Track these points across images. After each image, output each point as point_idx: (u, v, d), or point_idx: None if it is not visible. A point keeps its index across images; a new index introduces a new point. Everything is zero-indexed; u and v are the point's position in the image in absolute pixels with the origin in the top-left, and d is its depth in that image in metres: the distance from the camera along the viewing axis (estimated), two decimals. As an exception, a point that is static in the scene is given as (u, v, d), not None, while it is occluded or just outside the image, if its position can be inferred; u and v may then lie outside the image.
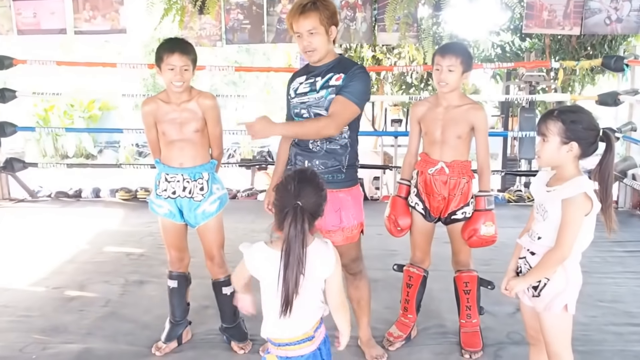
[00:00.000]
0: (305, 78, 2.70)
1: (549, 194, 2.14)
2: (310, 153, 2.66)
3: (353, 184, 2.73)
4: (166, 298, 3.11)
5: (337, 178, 2.67)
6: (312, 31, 2.55)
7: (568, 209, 2.05)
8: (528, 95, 7.19)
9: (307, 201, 1.83)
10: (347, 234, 2.71)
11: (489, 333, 3.15)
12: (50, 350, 3.05)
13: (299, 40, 2.61)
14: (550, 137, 2.10)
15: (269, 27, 5.94)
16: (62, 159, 12.18)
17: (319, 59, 2.63)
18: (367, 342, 2.99)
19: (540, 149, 2.15)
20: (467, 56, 2.81)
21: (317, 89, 2.63)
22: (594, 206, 2.05)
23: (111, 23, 6.06)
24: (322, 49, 2.60)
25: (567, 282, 2.14)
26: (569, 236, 2.05)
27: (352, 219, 2.70)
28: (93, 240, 5.05)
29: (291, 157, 2.77)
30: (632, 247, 4.71)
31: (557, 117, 2.10)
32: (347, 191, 2.69)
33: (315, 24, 2.54)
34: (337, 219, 2.66)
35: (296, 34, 2.60)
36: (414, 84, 10.09)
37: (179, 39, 2.92)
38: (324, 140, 2.63)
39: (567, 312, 2.15)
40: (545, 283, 2.16)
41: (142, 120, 2.92)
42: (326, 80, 2.61)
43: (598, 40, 8.90)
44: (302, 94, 2.68)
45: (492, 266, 3.69)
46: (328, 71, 2.63)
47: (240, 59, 17.49)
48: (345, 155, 2.68)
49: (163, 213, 2.91)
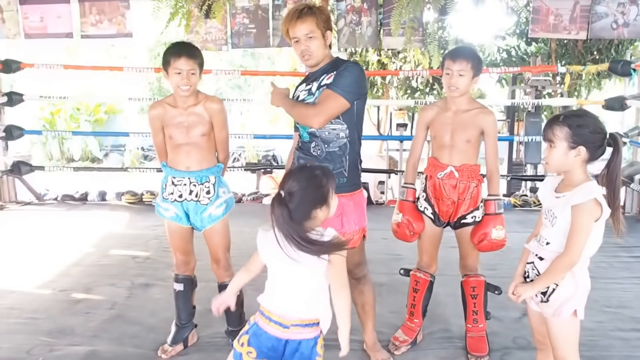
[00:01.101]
0: (305, 84, 2.72)
1: (558, 200, 2.13)
2: (312, 157, 2.66)
3: (355, 188, 2.71)
4: (172, 301, 3.11)
5: (339, 182, 2.65)
6: (309, 35, 2.57)
7: (578, 215, 2.05)
8: (534, 100, 7.19)
9: (291, 192, 1.89)
10: (348, 238, 2.70)
11: (495, 338, 3.14)
12: (57, 353, 3.05)
13: (296, 46, 2.63)
14: (558, 142, 2.10)
15: (275, 31, 5.96)
16: (68, 163, 12.23)
17: (316, 63, 2.64)
18: (373, 346, 2.98)
19: (548, 155, 2.14)
20: (478, 61, 2.82)
21: (313, 92, 2.64)
22: (604, 212, 2.05)
23: (117, 27, 6.10)
24: (319, 54, 2.61)
25: (576, 288, 2.13)
26: (578, 242, 2.05)
27: (353, 224, 2.68)
28: (99, 243, 5.07)
29: (295, 160, 2.78)
30: (638, 253, 4.69)
31: (563, 122, 2.10)
32: (348, 196, 2.66)
33: (312, 27, 2.57)
34: (338, 224, 2.65)
35: (293, 39, 2.62)
36: (419, 88, 10.09)
37: (186, 43, 2.93)
38: (321, 142, 2.63)
39: (576, 317, 2.15)
40: (554, 289, 2.15)
41: (149, 124, 2.93)
42: (320, 82, 2.63)
43: (604, 44, 8.88)
44: (301, 100, 2.69)
45: (498, 271, 3.69)
46: (322, 73, 2.65)
47: (245, 63, 17.51)
48: (344, 156, 2.65)
49: (169, 216, 2.92)
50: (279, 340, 1.99)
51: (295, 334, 1.98)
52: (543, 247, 2.19)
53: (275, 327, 1.99)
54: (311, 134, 2.65)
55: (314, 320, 1.99)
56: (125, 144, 12.50)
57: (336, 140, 2.64)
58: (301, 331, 1.98)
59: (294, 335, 1.98)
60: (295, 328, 1.97)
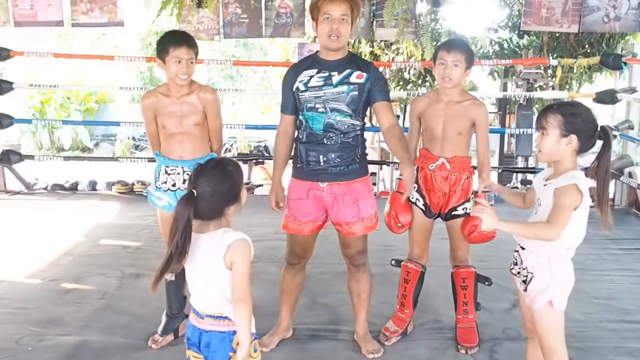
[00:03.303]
0: (317, 71, 2.69)
1: (545, 188, 2.16)
2: (325, 147, 2.68)
3: (366, 173, 2.80)
4: (163, 291, 3.10)
5: (352, 169, 2.72)
6: (343, 16, 2.60)
7: (559, 197, 2.07)
8: (525, 93, 7.19)
9: (204, 189, 1.90)
10: (367, 223, 2.76)
11: (485, 329, 3.16)
12: (47, 343, 3.04)
13: (325, 23, 2.61)
14: (550, 130, 2.12)
15: (267, 22, 5.92)
16: (59, 152, 12.12)
17: (340, 47, 2.65)
18: (364, 336, 3.00)
19: (540, 143, 2.17)
20: (471, 53, 2.86)
21: (333, 83, 2.65)
22: (584, 200, 2.07)
23: (108, 16, 6.03)
24: (344, 39, 2.64)
25: (552, 278, 2.15)
26: (558, 219, 2.05)
27: (369, 208, 2.77)
28: (89, 233, 5.04)
29: (301, 154, 2.76)
30: (627, 245, 4.73)
31: (556, 111, 2.13)
32: (362, 181, 2.76)
33: (348, 11, 2.61)
34: (356, 210, 2.71)
35: (324, 14, 2.60)
36: (412, 80, 10.07)
37: (183, 32, 2.94)
38: (338, 133, 2.67)
39: (552, 308, 2.16)
40: (531, 278, 2.18)
41: (142, 114, 2.92)
42: (345, 76, 2.64)
43: (596, 38, 8.89)
44: (315, 88, 2.67)
45: (488, 262, 3.72)
46: (345, 66, 2.65)
47: (237, 53, 17.41)
48: (358, 146, 2.74)
49: (162, 205, 2.91)
50: (194, 329, 2.01)
51: (208, 325, 1.99)
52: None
53: (194, 316, 2.03)
54: (328, 125, 2.67)
55: (221, 314, 1.98)
56: (116, 133, 12.39)
57: (352, 132, 2.71)
58: (213, 323, 1.98)
59: (207, 327, 1.99)
60: (209, 319, 1.98)
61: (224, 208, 1.96)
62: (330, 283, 3.79)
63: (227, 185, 1.94)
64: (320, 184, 2.73)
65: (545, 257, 2.16)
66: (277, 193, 2.85)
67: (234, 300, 1.93)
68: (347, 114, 2.67)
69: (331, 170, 2.70)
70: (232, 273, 1.93)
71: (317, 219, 2.79)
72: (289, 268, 2.98)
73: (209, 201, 1.91)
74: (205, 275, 1.98)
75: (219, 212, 1.96)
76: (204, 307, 2.00)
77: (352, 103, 2.66)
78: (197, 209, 1.89)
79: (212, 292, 1.98)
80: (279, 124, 2.87)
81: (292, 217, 2.81)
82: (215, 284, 1.97)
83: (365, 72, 2.66)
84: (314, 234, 2.85)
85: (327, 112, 2.66)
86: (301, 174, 2.78)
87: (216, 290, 1.97)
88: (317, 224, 2.81)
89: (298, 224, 2.80)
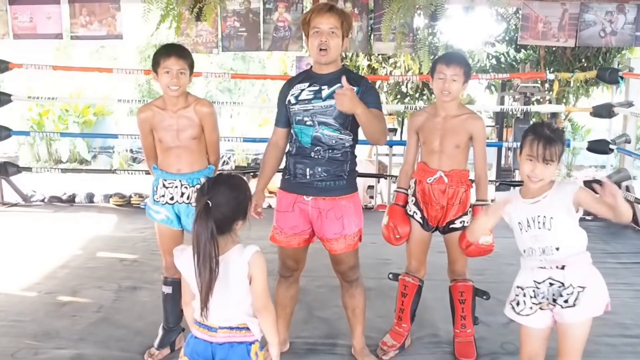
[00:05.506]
0: (308, 85, 2.70)
1: (540, 203, 2.18)
2: (312, 160, 2.67)
3: (354, 190, 2.76)
4: (159, 304, 3.09)
5: (338, 185, 2.69)
6: (332, 30, 2.60)
7: (585, 191, 2.14)
8: (523, 106, 7.23)
9: (218, 201, 1.87)
10: (349, 241, 2.73)
11: (483, 343, 3.15)
12: (42, 356, 3.02)
13: (315, 37, 2.62)
14: (556, 160, 2.16)
15: (265, 35, 5.94)
16: (56, 164, 12.12)
17: (330, 61, 2.65)
18: (361, 350, 2.98)
19: (544, 173, 2.17)
20: (468, 67, 2.87)
21: (322, 97, 2.64)
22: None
23: (107, 29, 6.06)
24: (334, 53, 2.63)
25: (602, 281, 2.22)
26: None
27: (353, 226, 2.73)
28: (86, 245, 5.02)
29: (289, 166, 2.76)
30: (625, 259, 4.72)
31: (557, 140, 2.16)
32: (348, 198, 2.72)
33: (338, 24, 2.61)
34: (339, 227, 2.68)
35: (314, 29, 2.61)
36: (409, 93, 10.13)
37: (175, 44, 2.94)
38: (326, 148, 2.65)
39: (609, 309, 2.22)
40: (582, 291, 2.16)
41: (138, 128, 2.92)
42: (334, 90, 2.59)
43: (592, 52, 8.97)
44: (305, 101, 2.67)
45: (486, 276, 3.71)
46: (336, 80, 2.63)
47: (235, 66, 17.48)
48: (347, 162, 2.71)
49: (160, 219, 2.91)
50: (206, 344, 1.98)
51: (222, 338, 1.96)
52: (554, 255, 2.19)
53: (203, 331, 1.98)
54: (315, 138, 2.66)
55: (242, 324, 1.98)
56: (114, 145, 12.40)
57: (341, 148, 2.68)
58: (229, 334, 1.97)
59: (222, 339, 1.96)
60: (223, 331, 1.96)
61: (233, 222, 1.94)
62: (327, 297, 3.77)
63: (240, 199, 1.94)
64: (305, 197, 2.71)
65: (588, 263, 2.20)
66: (258, 199, 2.83)
67: (257, 310, 1.98)
68: (334, 127, 2.65)
69: (317, 185, 2.68)
70: (253, 286, 1.96)
71: (303, 232, 2.77)
72: (282, 281, 2.96)
73: (223, 213, 1.88)
74: (222, 292, 1.93)
75: (229, 227, 1.93)
76: (221, 320, 1.96)
77: (340, 117, 2.62)
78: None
79: (230, 306, 1.96)
80: (271, 136, 2.88)
81: (278, 229, 2.80)
82: (235, 298, 1.96)
83: (356, 86, 2.62)
84: (302, 247, 2.84)
85: (315, 125, 2.65)
86: (288, 185, 2.77)
87: (235, 304, 1.96)
88: (303, 237, 2.79)
89: (285, 237, 2.78)
